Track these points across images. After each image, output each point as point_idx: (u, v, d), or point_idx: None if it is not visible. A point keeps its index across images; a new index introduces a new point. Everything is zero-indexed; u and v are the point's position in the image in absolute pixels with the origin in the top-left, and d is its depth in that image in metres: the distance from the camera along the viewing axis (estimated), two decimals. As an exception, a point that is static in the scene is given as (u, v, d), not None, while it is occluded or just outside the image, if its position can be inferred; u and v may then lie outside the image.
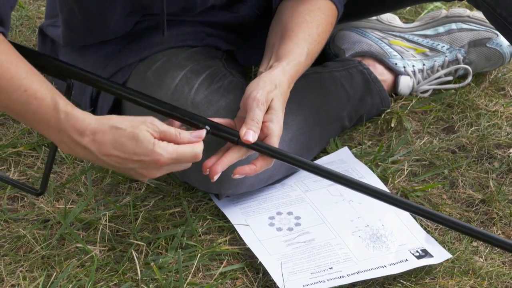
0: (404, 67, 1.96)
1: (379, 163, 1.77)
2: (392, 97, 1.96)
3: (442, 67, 1.99)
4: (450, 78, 2.01)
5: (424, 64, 1.98)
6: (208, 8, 1.71)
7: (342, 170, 1.72)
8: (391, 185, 1.72)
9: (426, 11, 2.29)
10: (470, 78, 2.00)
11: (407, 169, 1.77)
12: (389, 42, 1.99)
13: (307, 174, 1.59)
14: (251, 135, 1.47)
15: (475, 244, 1.60)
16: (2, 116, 1.87)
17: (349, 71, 1.86)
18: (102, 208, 1.65)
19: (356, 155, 1.78)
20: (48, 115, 1.39)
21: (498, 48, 2.00)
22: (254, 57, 1.78)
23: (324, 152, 1.80)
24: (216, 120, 1.51)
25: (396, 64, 1.95)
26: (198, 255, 1.53)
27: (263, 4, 1.78)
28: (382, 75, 1.94)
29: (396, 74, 1.95)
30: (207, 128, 1.47)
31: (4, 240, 1.58)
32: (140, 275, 1.50)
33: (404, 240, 1.57)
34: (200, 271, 1.52)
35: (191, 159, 1.43)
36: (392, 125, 1.89)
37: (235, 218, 1.62)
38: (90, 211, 1.64)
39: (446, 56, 2.00)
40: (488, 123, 1.90)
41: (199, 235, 1.59)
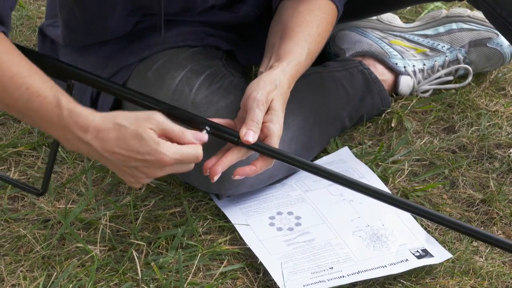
0: (405, 67, 1.96)
1: (380, 163, 1.77)
2: (393, 97, 1.96)
3: (443, 67, 1.99)
4: (451, 78, 2.01)
5: (424, 64, 1.98)
6: (208, 8, 1.71)
7: (343, 170, 1.72)
8: (392, 185, 1.72)
9: (426, 11, 2.29)
10: (470, 78, 2.00)
11: (407, 169, 1.77)
12: (389, 42, 1.99)
13: (308, 174, 1.59)
14: (251, 135, 1.47)
15: (475, 244, 1.60)
16: (2, 116, 1.87)
17: (349, 71, 1.86)
18: (102, 208, 1.65)
19: (356, 155, 1.78)
20: (51, 112, 1.39)
21: (499, 48, 2.00)
22: (254, 57, 1.78)
23: (325, 152, 1.80)
24: (216, 120, 1.51)
25: (396, 64, 1.95)
26: (199, 255, 1.53)
27: (263, 4, 1.78)
28: (383, 75, 1.93)
29: (396, 74, 1.95)
30: (207, 128, 1.47)
31: (4, 240, 1.58)
32: (141, 275, 1.50)
33: (404, 240, 1.57)
34: (200, 271, 1.52)
35: (194, 160, 1.43)
36: (392, 125, 1.88)
37: (236, 218, 1.61)
38: (90, 211, 1.64)
39: (446, 56, 1.99)
40: (488, 123, 1.90)
41: (200, 235, 1.59)
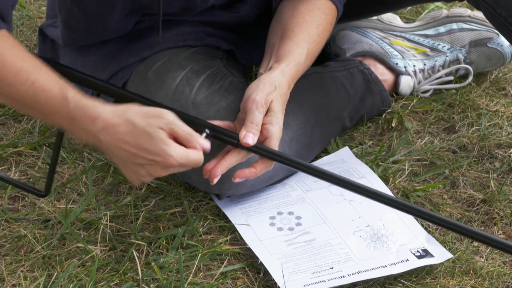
0: (405, 67, 1.96)
1: (380, 163, 1.77)
2: (393, 97, 1.96)
3: (443, 67, 1.99)
4: (451, 78, 2.01)
5: (425, 64, 1.98)
6: (208, 8, 1.71)
7: (343, 170, 1.72)
8: (392, 185, 1.72)
9: (427, 11, 2.29)
10: (471, 78, 2.00)
11: (408, 169, 1.77)
12: (390, 42, 1.99)
13: (308, 174, 1.59)
14: (251, 138, 1.47)
15: (476, 244, 1.60)
16: (3, 116, 1.87)
17: (350, 71, 1.86)
18: (103, 208, 1.65)
19: (357, 155, 1.78)
20: (58, 105, 1.39)
21: (499, 48, 2.00)
22: (254, 57, 1.78)
23: (325, 152, 1.80)
24: (216, 122, 1.51)
25: (397, 64, 1.95)
26: (199, 255, 1.53)
27: (263, 4, 1.78)
28: (383, 75, 1.93)
29: (397, 74, 1.95)
30: (207, 131, 1.47)
31: (5, 240, 1.58)
32: (141, 275, 1.50)
33: (405, 240, 1.57)
34: (201, 271, 1.52)
35: (196, 165, 1.43)
36: (393, 125, 1.88)
37: (236, 218, 1.62)
38: (91, 211, 1.64)
39: (447, 56, 1.99)
40: (489, 123, 1.90)
41: (200, 235, 1.59)
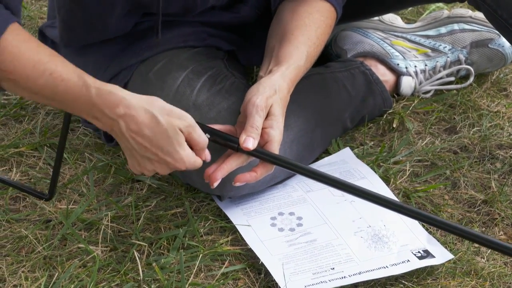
0: (406, 68, 1.96)
1: (381, 164, 1.77)
2: (394, 97, 1.96)
3: (444, 67, 1.99)
4: (452, 78, 2.01)
5: (426, 65, 1.98)
6: (208, 8, 1.71)
7: (344, 170, 1.72)
8: (393, 185, 1.72)
9: (428, 12, 2.29)
10: (472, 79, 2.00)
11: (409, 169, 1.77)
12: (391, 43, 1.99)
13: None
14: (251, 142, 1.47)
15: (477, 244, 1.59)
16: (4, 117, 1.88)
17: (351, 72, 1.86)
18: (104, 208, 1.65)
19: (358, 156, 1.78)
20: (78, 93, 1.40)
21: (500, 49, 1.99)
22: (255, 57, 1.78)
23: (326, 152, 1.80)
24: (217, 126, 1.52)
25: (398, 64, 1.95)
26: (200, 255, 1.53)
27: (264, 4, 1.78)
28: (384, 75, 1.93)
29: (398, 74, 1.95)
30: (208, 136, 1.47)
31: (6, 240, 1.58)
32: (142, 276, 1.50)
33: (406, 241, 1.57)
34: (202, 272, 1.52)
35: (195, 169, 1.46)
36: (394, 125, 1.88)
37: (237, 219, 1.62)
38: (92, 211, 1.64)
39: (448, 57, 1.99)
40: (490, 124, 1.90)
41: (201, 236, 1.59)
